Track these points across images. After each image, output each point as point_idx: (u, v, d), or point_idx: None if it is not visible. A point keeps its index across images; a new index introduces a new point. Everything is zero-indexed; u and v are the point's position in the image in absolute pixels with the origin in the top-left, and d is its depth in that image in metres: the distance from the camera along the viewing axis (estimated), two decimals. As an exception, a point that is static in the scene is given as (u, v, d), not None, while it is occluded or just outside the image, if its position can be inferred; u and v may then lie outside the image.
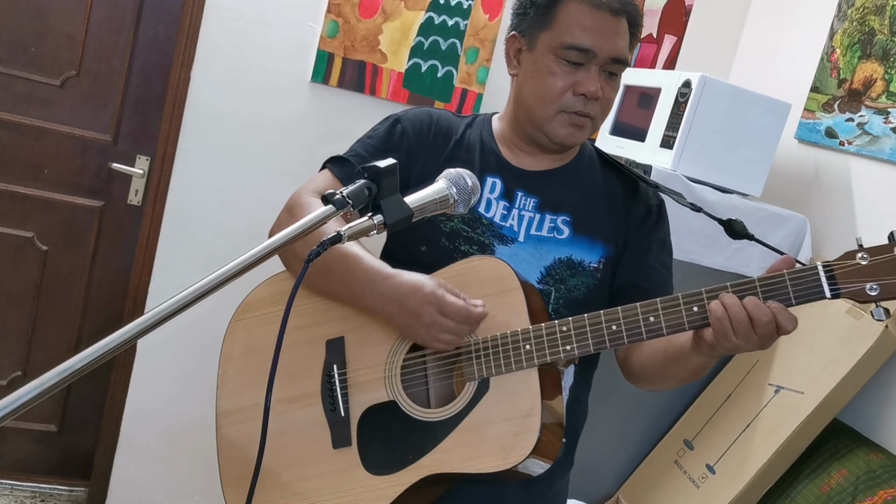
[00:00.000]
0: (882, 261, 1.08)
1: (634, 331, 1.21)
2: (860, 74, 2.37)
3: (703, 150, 2.31)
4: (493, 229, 1.39)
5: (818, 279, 1.11)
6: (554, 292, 1.37)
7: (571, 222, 1.40)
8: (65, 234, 2.76)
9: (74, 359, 0.73)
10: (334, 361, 1.34)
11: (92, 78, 2.68)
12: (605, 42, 1.31)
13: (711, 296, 1.16)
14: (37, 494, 2.89)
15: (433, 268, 1.33)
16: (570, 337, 1.24)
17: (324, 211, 0.92)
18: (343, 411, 1.31)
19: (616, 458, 2.41)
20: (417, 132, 1.44)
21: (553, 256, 1.38)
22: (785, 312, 1.12)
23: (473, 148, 1.44)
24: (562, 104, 1.34)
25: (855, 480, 1.94)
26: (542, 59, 1.34)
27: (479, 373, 1.27)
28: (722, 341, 1.14)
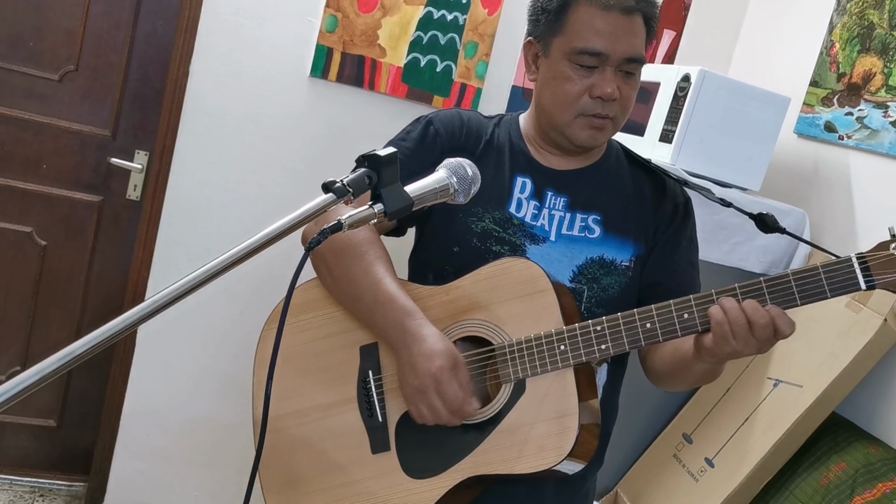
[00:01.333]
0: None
1: (669, 328, 1.22)
2: (859, 68, 2.38)
3: (702, 145, 2.31)
4: (524, 229, 1.39)
5: (853, 271, 1.13)
6: (587, 291, 1.38)
7: (602, 221, 1.41)
8: (63, 229, 2.76)
9: (75, 344, 0.73)
10: (369, 367, 1.35)
11: (90, 73, 2.67)
12: (617, 43, 1.30)
13: (747, 293, 1.17)
14: (36, 490, 2.89)
15: (465, 268, 1.34)
16: (605, 336, 1.24)
17: (324, 199, 0.91)
18: (380, 417, 1.33)
19: (615, 452, 2.41)
20: (450, 134, 1.43)
21: (585, 256, 1.39)
22: (783, 316, 1.14)
23: (503, 148, 1.44)
24: (579, 108, 1.34)
25: (854, 474, 1.94)
26: (557, 65, 1.34)
27: (514, 374, 1.27)
28: (722, 345, 1.16)
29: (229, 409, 2.80)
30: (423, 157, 1.37)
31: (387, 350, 1.34)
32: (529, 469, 1.24)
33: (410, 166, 1.33)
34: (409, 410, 1.29)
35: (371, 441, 1.34)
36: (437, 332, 1.27)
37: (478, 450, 1.27)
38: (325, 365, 1.38)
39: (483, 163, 1.35)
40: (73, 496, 2.91)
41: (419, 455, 1.30)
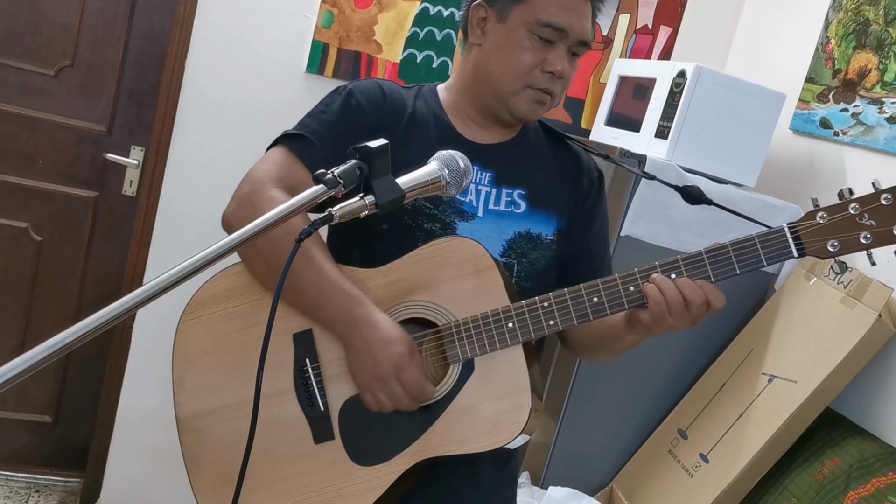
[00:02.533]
0: (840, 218, 1.17)
1: (616, 301, 1.23)
2: (855, 65, 2.38)
3: (698, 141, 2.31)
4: (453, 205, 1.38)
5: (785, 239, 1.18)
6: (516, 265, 1.39)
7: (527, 196, 1.41)
8: (59, 225, 2.76)
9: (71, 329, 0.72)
10: (305, 356, 1.30)
11: (86, 68, 2.67)
12: (577, 24, 1.32)
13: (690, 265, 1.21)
14: (32, 485, 2.89)
15: (394, 246, 1.32)
16: (553, 312, 1.24)
17: (315, 190, 0.91)
18: (322, 406, 1.29)
19: (610, 448, 2.41)
20: (373, 107, 1.38)
21: (513, 230, 1.39)
22: (715, 291, 1.20)
23: (427, 121, 1.41)
24: (529, 80, 1.34)
25: (848, 469, 1.94)
26: (514, 33, 1.33)
27: (462, 354, 1.26)
28: (659, 323, 1.21)
29: (225, 404, 2.80)
30: (345, 131, 1.34)
31: (322, 336, 1.30)
32: (484, 447, 1.25)
33: (332, 139, 1.32)
34: (365, 399, 1.27)
35: (313, 431, 1.30)
36: (389, 318, 1.26)
37: (429, 432, 1.26)
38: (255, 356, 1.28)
39: (408, 137, 1.33)
40: (69, 492, 2.91)
41: (366, 442, 1.28)
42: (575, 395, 2.31)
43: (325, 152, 1.32)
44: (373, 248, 1.34)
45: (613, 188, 2.27)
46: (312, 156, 1.33)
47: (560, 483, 2.27)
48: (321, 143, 1.34)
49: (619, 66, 2.71)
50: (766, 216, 2.32)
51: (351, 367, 1.27)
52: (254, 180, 1.35)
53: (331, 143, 1.33)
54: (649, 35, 2.93)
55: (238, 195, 1.36)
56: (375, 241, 1.34)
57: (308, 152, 1.34)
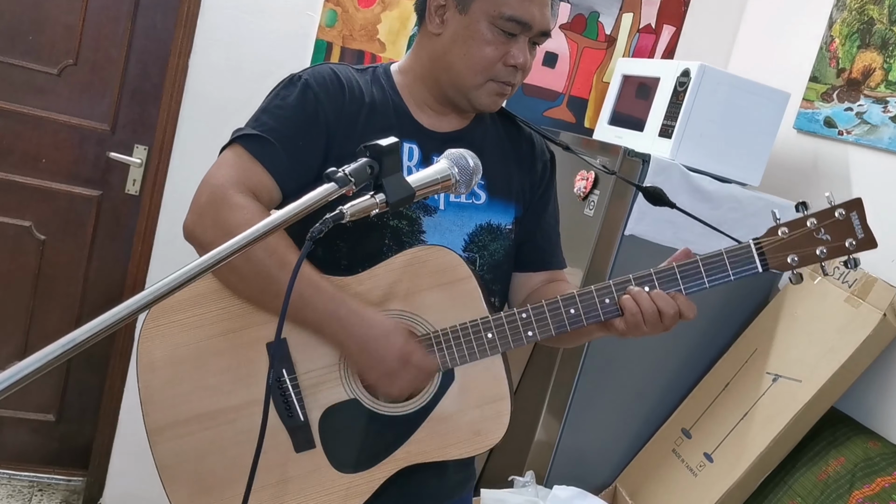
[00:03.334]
0: (799, 234, 1.25)
1: (592, 313, 1.26)
2: (859, 64, 2.38)
3: (702, 140, 2.31)
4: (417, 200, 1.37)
5: (751, 254, 1.25)
6: (479, 259, 1.39)
7: (486, 186, 1.40)
8: (62, 224, 2.75)
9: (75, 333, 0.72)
10: (281, 366, 1.28)
11: (90, 67, 2.67)
12: (540, 15, 1.30)
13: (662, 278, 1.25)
14: (35, 484, 2.89)
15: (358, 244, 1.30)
16: (531, 323, 1.27)
17: (326, 188, 0.91)
18: (301, 416, 1.28)
19: (613, 447, 2.41)
20: (331, 99, 1.32)
21: (474, 223, 1.39)
22: (686, 302, 1.25)
23: (387, 111, 1.36)
24: (492, 73, 1.31)
25: (853, 468, 1.94)
26: (476, 26, 1.29)
27: (443, 364, 1.27)
28: (633, 331, 1.26)
29: (228, 403, 2.80)
30: (305, 127, 1.30)
31: (298, 346, 1.28)
32: (466, 454, 1.28)
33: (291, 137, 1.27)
34: (381, 393, 1.27)
35: (293, 440, 1.29)
36: (374, 310, 1.24)
37: (411, 440, 1.28)
38: (227, 365, 1.28)
39: (369, 129, 1.28)
40: (72, 491, 2.91)
41: (348, 450, 1.29)
42: (579, 394, 2.31)
43: (284, 151, 1.28)
44: (336, 246, 1.31)
45: (617, 188, 2.26)
46: (272, 157, 1.28)
47: (564, 482, 2.27)
48: (280, 142, 1.28)
49: (623, 65, 2.71)
50: (769, 216, 2.33)
51: (355, 366, 1.27)
52: (213, 186, 1.27)
53: (289, 143, 1.28)
54: (652, 34, 2.93)
55: (197, 203, 1.28)
56: (339, 239, 1.31)
57: (267, 154, 1.28)
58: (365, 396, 1.29)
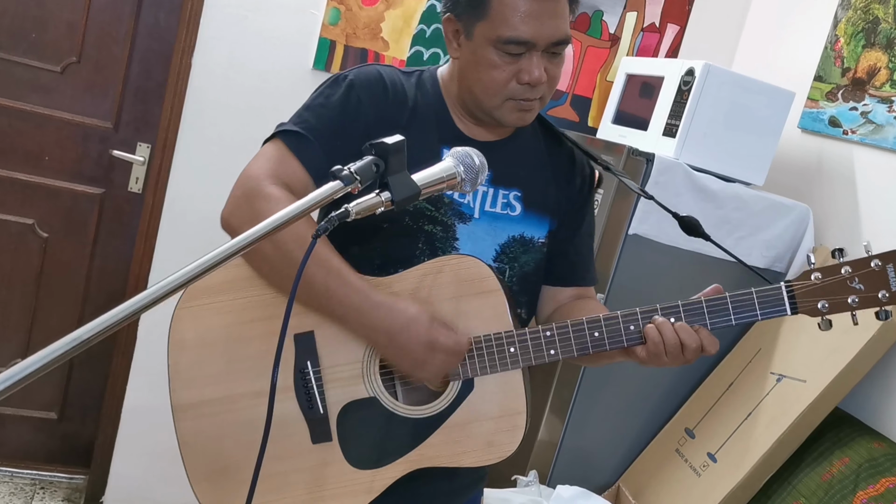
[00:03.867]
0: (832, 281, 1.25)
1: (616, 338, 1.27)
2: (864, 63, 2.37)
3: (706, 139, 2.30)
4: (453, 207, 1.37)
5: (781, 297, 1.25)
6: (508, 270, 1.40)
7: (522, 198, 1.41)
8: (65, 222, 2.75)
9: (77, 332, 0.71)
10: (307, 358, 1.31)
11: (93, 65, 2.67)
12: (543, 29, 1.26)
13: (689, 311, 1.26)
14: (37, 482, 2.89)
15: (393, 244, 1.33)
16: (555, 342, 1.28)
17: (331, 186, 0.91)
18: (321, 408, 1.30)
19: (617, 447, 2.41)
20: (374, 102, 1.34)
21: (507, 234, 1.40)
22: (710, 337, 1.25)
23: (429, 116, 1.38)
24: (507, 93, 1.31)
25: (857, 469, 1.93)
26: (482, 51, 1.29)
27: (463, 373, 1.29)
28: (654, 360, 1.26)
29: (231, 402, 2.80)
30: (344, 127, 1.31)
31: (324, 339, 1.31)
32: (477, 463, 1.30)
33: (330, 137, 1.30)
34: (415, 380, 1.30)
35: (311, 431, 1.31)
36: (395, 297, 1.26)
37: (425, 443, 1.30)
38: (254, 352, 1.31)
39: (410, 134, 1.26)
40: (74, 489, 2.91)
41: (363, 446, 1.30)
42: (582, 393, 2.30)
43: (322, 150, 1.30)
44: (372, 245, 1.34)
45: (622, 186, 2.26)
46: (309, 153, 1.30)
47: (567, 481, 2.26)
48: (318, 140, 1.30)
49: (626, 64, 2.70)
50: (774, 215, 2.33)
51: (386, 358, 1.29)
52: (249, 178, 1.31)
53: (328, 141, 1.30)
54: (656, 33, 2.92)
55: (234, 195, 1.32)
56: (375, 239, 1.33)
57: (305, 150, 1.30)
58: (384, 396, 1.31)
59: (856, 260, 1.25)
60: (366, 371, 1.31)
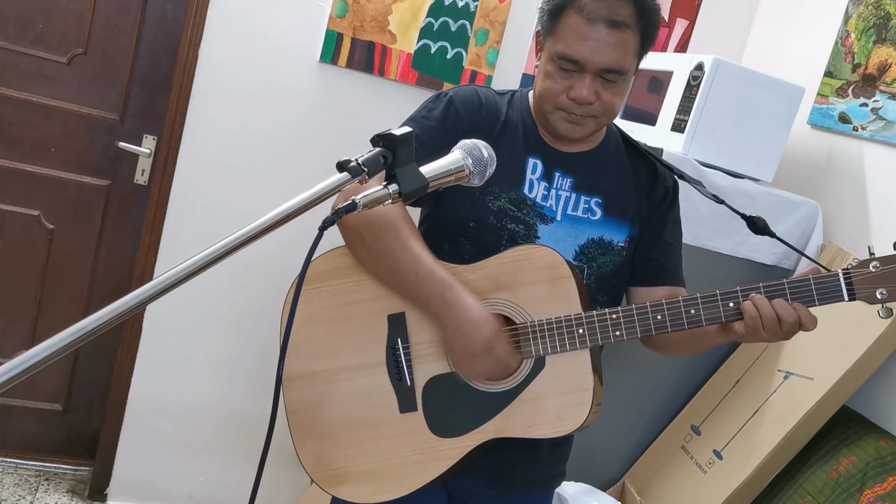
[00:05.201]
0: (890, 269, 1.28)
1: (677, 320, 1.36)
2: (875, 59, 2.35)
3: (715, 135, 2.29)
4: (535, 209, 1.49)
5: (839, 285, 1.30)
6: (586, 269, 1.51)
7: (603, 204, 1.52)
8: (71, 213, 2.75)
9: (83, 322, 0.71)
10: (398, 335, 1.47)
11: (99, 56, 2.66)
12: (595, 55, 1.37)
13: (745, 294, 1.33)
14: (41, 473, 2.89)
15: (480, 241, 1.46)
16: (620, 324, 1.38)
17: (338, 178, 0.90)
18: (409, 381, 1.45)
19: (622, 443, 2.40)
20: (470, 114, 1.50)
21: (587, 236, 1.51)
22: (808, 314, 1.31)
23: (517, 128, 1.52)
24: (557, 104, 1.44)
25: (864, 467, 1.93)
26: (546, 62, 1.44)
27: (535, 351, 1.40)
28: (752, 335, 1.33)
29: (235, 395, 2.80)
30: (444, 138, 1.42)
31: (414, 320, 1.46)
32: (547, 434, 1.41)
33: (432, 146, 1.39)
34: (460, 370, 1.42)
35: (399, 402, 1.46)
36: (476, 301, 1.39)
37: (501, 414, 1.42)
38: (354, 330, 1.48)
39: (500, 143, 1.43)
40: (79, 480, 2.91)
41: (445, 416, 1.44)
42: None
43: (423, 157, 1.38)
44: (460, 242, 1.48)
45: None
46: None
47: (572, 478, 2.25)
48: (421, 146, 1.40)
49: (635, 58, 2.68)
50: (783, 211, 2.31)
51: (447, 344, 1.42)
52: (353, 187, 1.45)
53: (429, 148, 1.39)
54: (665, 27, 2.90)
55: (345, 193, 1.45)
56: (463, 237, 1.48)
57: None
58: None
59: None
60: None
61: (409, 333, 1.47)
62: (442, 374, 1.45)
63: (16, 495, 2.73)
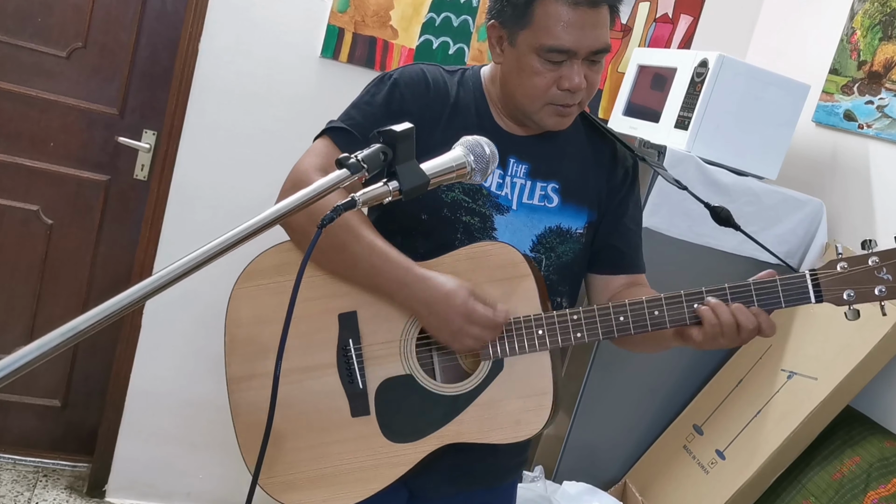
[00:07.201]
0: (859, 270, 1.24)
1: (640, 323, 1.31)
2: (881, 56, 2.33)
3: (719, 132, 2.27)
4: (490, 199, 1.42)
5: (805, 286, 1.26)
6: (545, 260, 1.45)
7: (560, 190, 1.45)
8: (70, 208, 2.73)
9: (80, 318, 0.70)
10: (349, 336, 1.39)
11: (99, 50, 2.64)
12: (585, 39, 1.31)
13: (711, 294, 1.28)
14: (40, 469, 2.88)
15: (433, 234, 1.40)
16: (581, 325, 1.33)
17: (337, 175, 0.89)
18: (361, 383, 1.39)
19: (624, 442, 2.39)
20: (417, 98, 1.41)
21: (544, 225, 1.44)
22: (767, 320, 1.26)
23: (469, 111, 1.44)
24: (547, 98, 1.36)
25: (868, 468, 1.91)
26: (525, 58, 1.34)
27: (493, 353, 1.35)
28: (710, 341, 1.28)
29: (235, 392, 2.79)
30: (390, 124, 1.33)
31: (366, 319, 1.39)
32: (504, 440, 1.36)
33: None
34: (454, 349, 1.35)
35: (351, 405, 1.40)
36: (437, 273, 1.32)
37: (457, 419, 1.36)
38: (303, 330, 1.40)
39: (451, 128, 1.35)
40: (77, 476, 2.90)
41: (399, 421, 1.38)
42: (589, 388, 2.28)
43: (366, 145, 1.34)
44: (413, 236, 1.41)
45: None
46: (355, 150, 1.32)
47: (573, 477, 2.24)
48: (364, 136, 1.36)
49: (638, 55, 2.66)
50: (788, 210, 2.30)
51: (426, 328, 1.35)
52: (298, 171, 1.40)
53: None
54: (669, 24, 2.88)
55: (284, 188, 1.42)
56: (416, 230, 1.41)
57: (352, 147, 1.33)
58: (419, 374, 1.39)
59: (884, 251, 1.24)
60: (403, 350, 1.39)
61: (362, 333, 1.40)
62: (396, 377, 1.39)
63: (14, 491, 2.72)
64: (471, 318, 1.29)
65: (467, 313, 1.29)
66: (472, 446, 1.39)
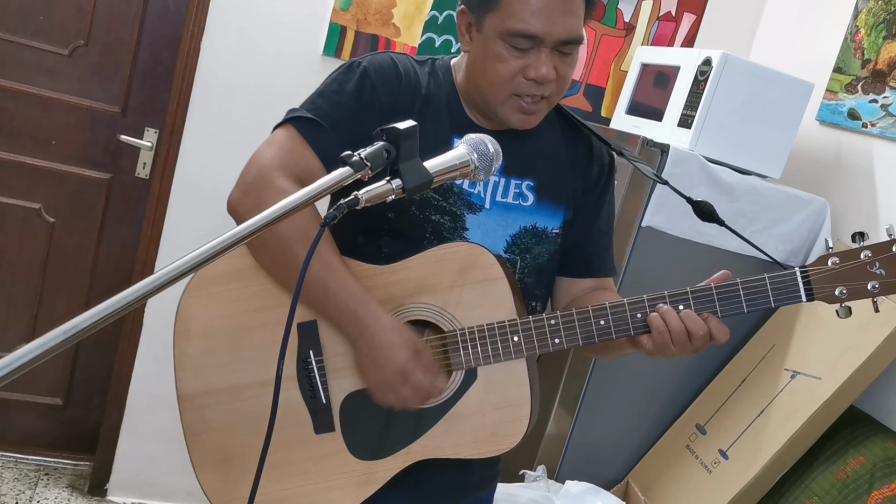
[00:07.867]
0: (851, 266, 1.18)
1: (622, 326, 1.24)
2: (885, 55, 2.32)
3: (722, 130, 2.26)
4: (462, 197, 1.34)
5: (796, 283, 1.19)
6: (520, 262, 1.37)
7: (535, 187, 1.38)
8: (72, 207, 2.73)
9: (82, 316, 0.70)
10: (310, 347, 1.30)
11: (101, 48, 2.64)
12: (554, 26, 1.22)
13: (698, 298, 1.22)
14: (41, 468, 2.88)
15: (399, 234, 1.31)
16: (559, 330, 1.25)
17: (340, 173, 0.88)
18: (324, 398, 1.30)
19: (626, 442, 2.38)
20: (388, 89, 1.32)
21: (518, 225, 1.37)
22: (719, 325, 1.21)
23: (441, 104, 1.35)
24: (513, 88, 1.27)
25: (871, 468, 1.90)
26: (490, 44, 1.26)
27: (466, 362, 1.27)
28: (661, 350, 1.22)
29: (236, 390, 2.79)
30: (360, 116, 1.29)
31: (327, 329, 1.30)
32: (481, 454, 1.28)
33: (347, 126, 1.28)
34: (375, 399, 1.27)
35: (314, 422, 1.31)
36: (393, 320, 1.25)
37: (428, 434, 1.28)
38: (259, 342, 1.31)
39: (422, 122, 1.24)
40: (79, 475, 2.89)
41: (366, 437, 1.30)
42: (591, 387, 2.27)
43: (335, 139, 1.27)
44: (378, 235, 1.32)
45: (635, 178, 2.22)
46: (323, 141, 1.28)
47: (575, 476, 2.24)
48: (332, 128, 1.28)
49: (642, 53, 2.66)
50: (791, 209, 2.29)
51: (358, 367, 1.28)
52: (261, 166, 1.29)
53: (342, 129, 1.28)
54: (672, 22, 2.87)
55: (244, 181, 1.31)
56: (381, 230, 1.32)
57: (318, 139, 1.28)
58: None
59: (876, 244, 1.18)
60: None
61: (323, 344, 1.30)
62: (362, 390, 1.29)
63: (15, 490, 2.72)
64: (406, 379, 1.22)
65: (405, 373, 1.22)
66: (443, 460, 1.31)
